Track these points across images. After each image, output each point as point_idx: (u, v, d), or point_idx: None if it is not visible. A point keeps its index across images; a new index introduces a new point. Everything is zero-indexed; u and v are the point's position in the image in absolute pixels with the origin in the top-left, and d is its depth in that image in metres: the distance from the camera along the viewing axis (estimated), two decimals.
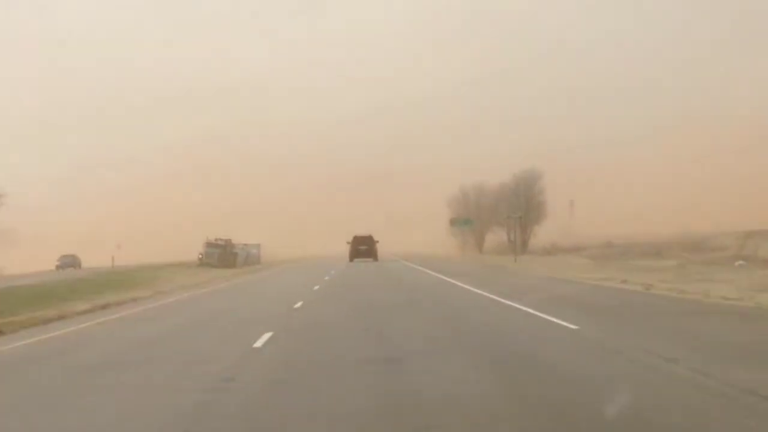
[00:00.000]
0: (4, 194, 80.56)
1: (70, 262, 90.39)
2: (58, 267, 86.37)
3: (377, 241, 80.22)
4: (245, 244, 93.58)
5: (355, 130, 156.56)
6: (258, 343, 15.72)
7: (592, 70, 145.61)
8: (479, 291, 30.00)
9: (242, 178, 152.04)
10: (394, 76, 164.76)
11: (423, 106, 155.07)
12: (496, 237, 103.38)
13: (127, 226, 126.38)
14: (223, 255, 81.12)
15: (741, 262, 47.26)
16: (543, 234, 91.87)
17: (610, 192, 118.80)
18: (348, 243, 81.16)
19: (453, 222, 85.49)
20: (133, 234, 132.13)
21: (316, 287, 37.68)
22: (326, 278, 47.35)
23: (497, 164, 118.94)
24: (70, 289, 41.36)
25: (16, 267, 77.20)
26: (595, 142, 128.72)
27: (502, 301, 25.10)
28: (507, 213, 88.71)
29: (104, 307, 31.17)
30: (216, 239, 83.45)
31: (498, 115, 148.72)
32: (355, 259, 77.75)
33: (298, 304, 26.74)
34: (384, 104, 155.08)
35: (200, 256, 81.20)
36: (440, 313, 22.43)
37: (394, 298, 28.08)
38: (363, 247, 78.82)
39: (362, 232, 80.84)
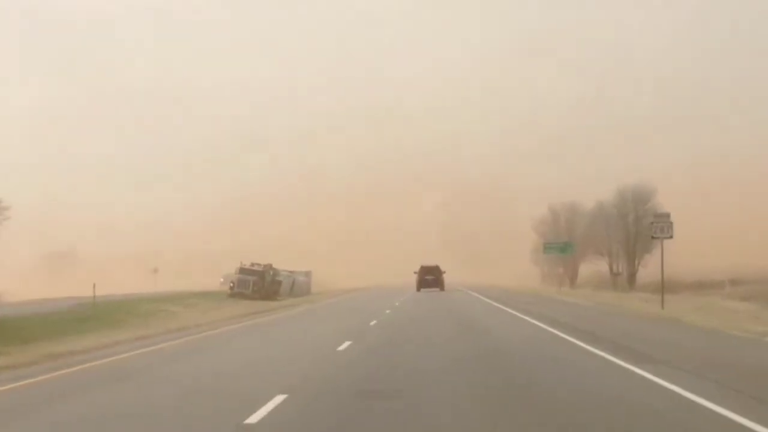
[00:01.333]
0: (8, 207, 70.95)
1: None
2: None
3: (444, 272, 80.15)
4: (291, 271, 78.51)
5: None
6: None
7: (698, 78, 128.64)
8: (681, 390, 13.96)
9: (303, 206, 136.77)
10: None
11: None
12: (591, 268, 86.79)
13: (175, 250, 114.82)
14: (259, 283, 66.16)
15: None
16: (654, 265, 75.01)
17: (712, 216, 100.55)
18: (415, 273, 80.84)
19: (547, 248, 69.20)
20: (180, 258, 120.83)
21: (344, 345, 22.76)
22: (371, 323, 32.36)
23: (587, 184, 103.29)
24: (28, 326, 30.55)
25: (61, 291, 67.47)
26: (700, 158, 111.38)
27: None
28: (609, 238, 72.50)
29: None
30: (252, 264, 68.54)
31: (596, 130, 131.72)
32: (423, 289, 77.10)
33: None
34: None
35: (231, 284, 66.31)
36: None
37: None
38: (430, 277, 78.81)
39: (429, 262, 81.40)
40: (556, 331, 25.08)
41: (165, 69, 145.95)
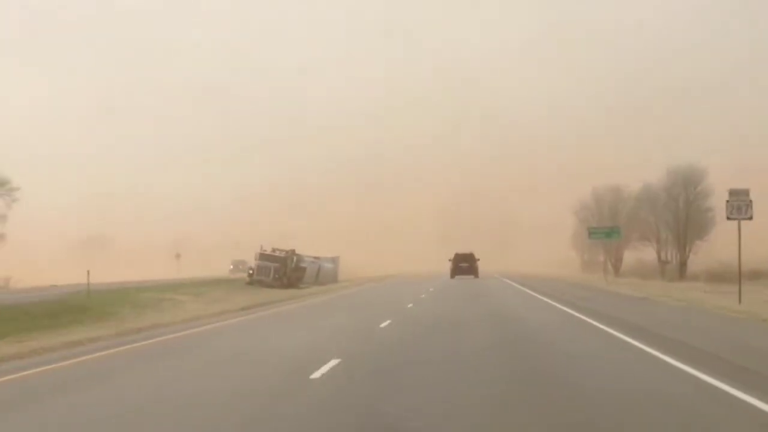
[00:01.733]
0: (18, 187, 68.91)
1: None
2: None
3: (478, 259, 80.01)
4: (316, 257, 73.93)
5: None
6: None
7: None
8: None
9: (338, 194, 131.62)
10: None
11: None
12: (634, 255, 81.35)
13: (208, 236, 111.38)
14: (281, 270, 61.60)
15: None
16: (705, 253, 69.40)
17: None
18: (449, 260, 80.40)
19: (593, 233, 63.78)
20: (209, 245, 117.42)
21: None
22: (385, 323, 27.63)
23: (634, 165, 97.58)
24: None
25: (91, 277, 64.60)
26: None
27: None
28: (657, 223, 67.23)
29: None
30: (273, 250, 63.98)
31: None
32: (456, 276, 76.48)
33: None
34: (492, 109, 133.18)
35: (250, 271, 61.83)
36: None
37: None
38: (464, 264, 78.37)
39: (463, 249, 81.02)
40: (653, 351, 15.95)
41: (204, 57, 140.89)
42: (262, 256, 62.49)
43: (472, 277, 75.56)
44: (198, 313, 34.06)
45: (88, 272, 38.82)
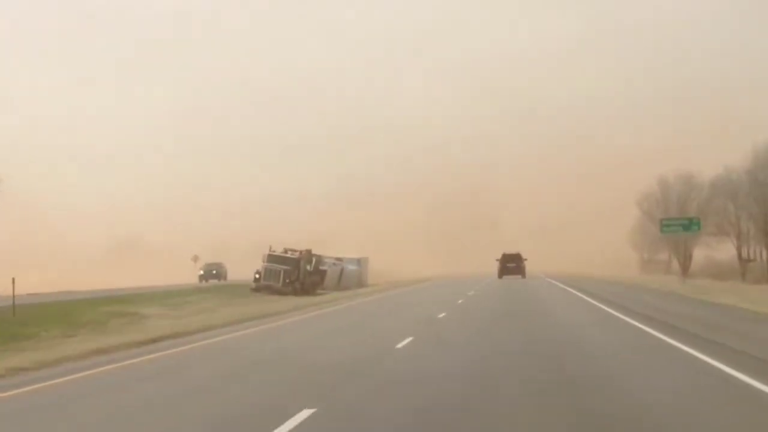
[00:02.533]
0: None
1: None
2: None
3: (525, 259, 79.11)
4: (338, 259, 64.22)
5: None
6: None
7: None
8: None
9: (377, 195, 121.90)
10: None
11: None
12: (706, 252, 70.67)
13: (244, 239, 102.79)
14: (293, 274, 52.07)
15: None
16: None
17: None
18: (497, 260, 79.98)
19: (666, 225, 53.37)
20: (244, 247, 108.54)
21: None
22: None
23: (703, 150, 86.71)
24: None
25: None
26: None
27: None
28: (738, 214, 56.88)
29: None
30: (285, 250, 54.46)
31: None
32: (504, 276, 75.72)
33: None
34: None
35: (256, 275, 52.26)
36: None
37: None
38: (511, 265, 77.82)
39: (511, 250, 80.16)
40: None
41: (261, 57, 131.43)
42: (271, 258, 52.97)
43: (519, 276, 73.87)
44: (153, 334, 24.47)
45: (13, 280, 29.38)
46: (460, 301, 37.26)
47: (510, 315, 28.18)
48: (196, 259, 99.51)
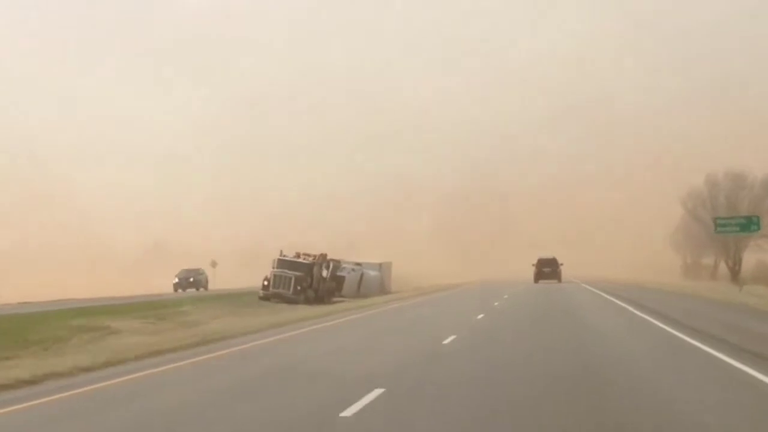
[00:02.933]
0: None
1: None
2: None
3: (561, 264, 79.16)
4: (357, 264, 59.69)
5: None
6: None
7: None
8: None
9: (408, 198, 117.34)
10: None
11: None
12: (757, 256, 65.28)
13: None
14: (304, 280, 47.61)
15: None
16: None
17: None
18: (533, 265, 79.83)
19: (721, 225, 48.30)
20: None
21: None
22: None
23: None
24: None
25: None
26: None
27: None
28: None
29: None
30: (298, 255, 49.97)
31: None
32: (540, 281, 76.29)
33: None
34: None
35: (265, 282, 47.73)
36: None
37: None
38: (547, 269, 78.24)
39: (546, 254, 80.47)
40: None
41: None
42: (281, 263, 48.44)
43: (555, 281, 74.47)
44: (102, 357, 20.00)
45: None
46: (480, 317, 32.61)
47: (543, 335, 23.44)
48: (214, 264, 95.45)
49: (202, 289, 66.06)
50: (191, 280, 67.81)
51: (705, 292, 46.30)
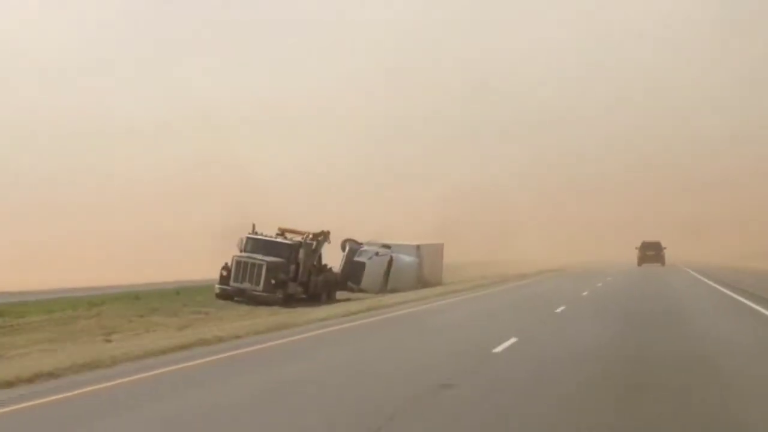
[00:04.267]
0: None
1: None
2: None
3: (665, 247, 79.64)
4: (385, 246, 43.75)
5: None
6: None
7: None
8: None
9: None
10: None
11: None
12: None
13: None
14: (284, 269, 32.77)
15: None
16: None
17: None
18: (636, 248, 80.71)
19: None
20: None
21: None
22: None
23: None
24: None
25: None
26: None
27: None
28: None
29: None
30: (282, 231, 35.06)
31: None
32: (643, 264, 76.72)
33: None
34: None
35: (224, 272, 32.46)
36: None
37: None
38: (651, 253, 78.59)
39: (650, 238, 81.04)
40: None
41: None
42: (252, 244, 33.25)
43: (658, 264, 74.89)
44: None
45: None
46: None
47: None
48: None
49: None
50: None
51: None
